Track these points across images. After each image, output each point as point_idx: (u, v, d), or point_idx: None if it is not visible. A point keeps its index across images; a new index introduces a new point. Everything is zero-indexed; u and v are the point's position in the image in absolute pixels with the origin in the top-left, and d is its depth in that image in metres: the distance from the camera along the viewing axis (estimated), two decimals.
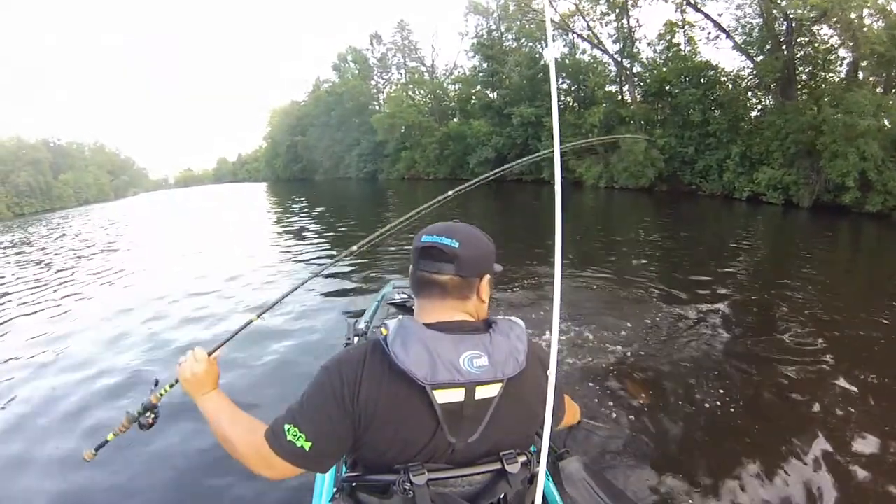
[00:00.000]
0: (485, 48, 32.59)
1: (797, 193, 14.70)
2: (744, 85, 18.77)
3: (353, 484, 1.17)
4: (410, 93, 41.77)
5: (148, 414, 1.39)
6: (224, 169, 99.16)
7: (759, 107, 18.89)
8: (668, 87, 20.73)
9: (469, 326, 1.14)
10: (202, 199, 38.63)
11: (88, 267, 10.37)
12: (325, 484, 1.72)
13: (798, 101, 15.86)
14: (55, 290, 8.24)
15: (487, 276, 1.19)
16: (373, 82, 49.70)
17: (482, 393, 1.06)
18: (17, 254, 14.45)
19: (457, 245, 1.12)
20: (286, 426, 1.08)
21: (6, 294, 8.39)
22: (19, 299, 7.91)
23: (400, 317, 1.13)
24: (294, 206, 21.74)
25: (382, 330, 1.10)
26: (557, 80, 26.75)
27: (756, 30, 17.73)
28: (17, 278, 9.78)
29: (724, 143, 17.83)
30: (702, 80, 19.47)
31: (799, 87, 16.70)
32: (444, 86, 41.12)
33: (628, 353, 4.19)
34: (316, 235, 12.10)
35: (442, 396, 1.04)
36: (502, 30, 32.50)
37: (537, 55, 28.56)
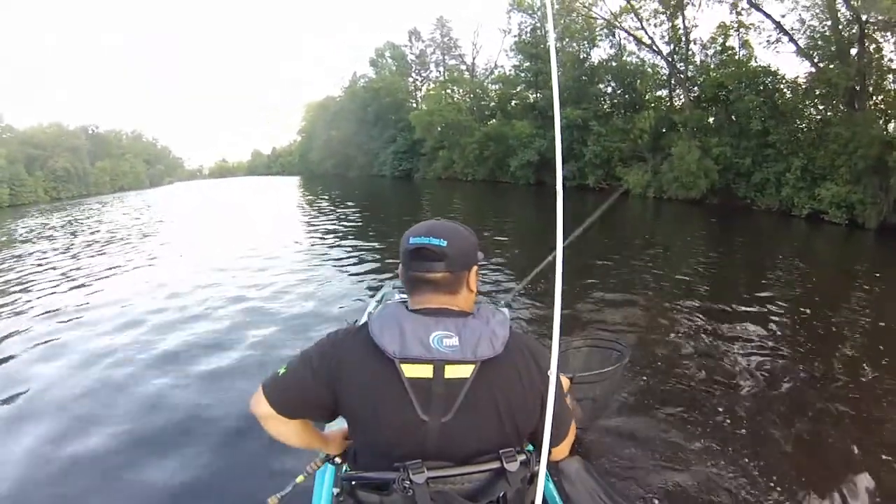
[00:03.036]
0: (528, 47, 32.28)
1: (863, 213, 13.99)
2: (809, 93, 17.96)
3: (354, 483, 1.23)
4: (449, 91, 41.71)
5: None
6: (258, 162, 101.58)
7: (819, 118, 17.98)
8: (723, 93, 20.09)
9: (451, 313, 1.21)
10: (234, 191, 39.51)
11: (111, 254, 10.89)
12: (325, 483, 1.80)
13: (869, 112, 15.14)
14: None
15: (475, 268, 1.29)
16: (410, 79, 49.89)
17: (452, 372, 1.13)
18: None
19: (444, 244, 1.20)
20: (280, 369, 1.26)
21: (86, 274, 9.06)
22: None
23: (389, 301, 1.28)
24: (333, 208, 21.90)
25: (373, 311, 1.26)
26: (602, 84, 26.75)
27: (823, 33, 16.97)
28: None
29: (783, 156, 17.19)
30: (762, 87, 18.81)
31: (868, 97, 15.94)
32: (485, 85, 40.91)
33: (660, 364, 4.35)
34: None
35: (410, 371, 1.12)
36: (546, 28, 31.92)
37: (584, 56, 28.21)
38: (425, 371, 1.12)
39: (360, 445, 1.29)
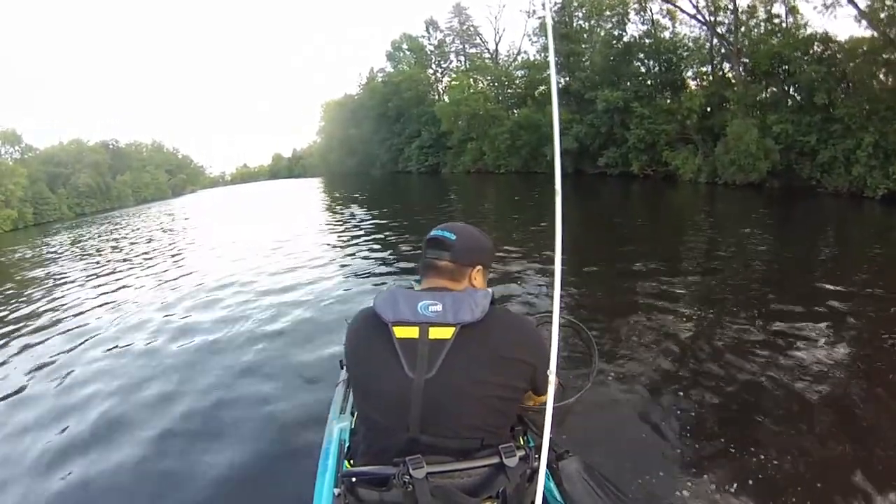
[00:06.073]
0: (555, 27, 31.30)
1: None
2: (875, 61, 16.72)
3: (354, 479, 1.30)
4: (472, 80, 40.94)
5: None
6: (279, 165, 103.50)
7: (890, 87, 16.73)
8: (779, 64, 18.96)
9: (444, 290, 1.41)
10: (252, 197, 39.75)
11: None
12: (326, 480, 1.84)
13: None
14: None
15: (480, 267, 1.51)
16: (430, 71, 49.37)
17: (436, 334, 1.30)
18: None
19: (454, 238, 1.47)
20: None
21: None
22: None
23: None
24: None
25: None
26: (637, 62, 25.81)
27: None
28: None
29: (852, 131, 16.03)
30: (825, 55, 17.64)
31: None
32: (510, 72, 39.99)
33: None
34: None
35: (400, 332, 1.31)
36: (575, 4, 31.05)
37: (616, 33, 27.28)
38: (412, 332, 1.30)
39: (358, 419, 1.50)
